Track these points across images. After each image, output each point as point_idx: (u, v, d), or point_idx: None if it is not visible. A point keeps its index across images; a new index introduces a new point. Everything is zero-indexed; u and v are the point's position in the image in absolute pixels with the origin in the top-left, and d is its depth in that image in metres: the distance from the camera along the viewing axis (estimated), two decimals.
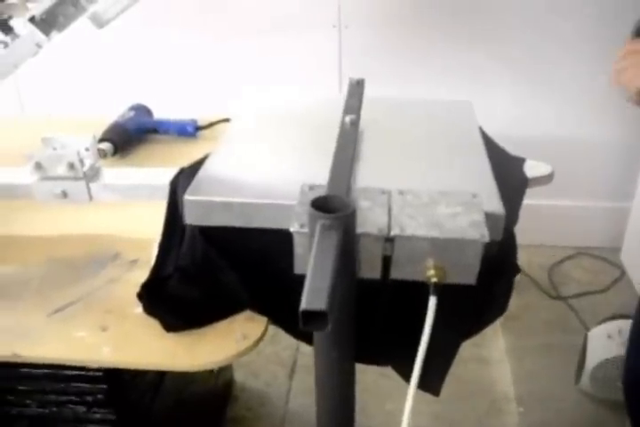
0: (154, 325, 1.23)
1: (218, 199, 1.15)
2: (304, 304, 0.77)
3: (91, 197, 1.39)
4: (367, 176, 1.21)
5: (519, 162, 1.49)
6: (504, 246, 1.17)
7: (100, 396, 1.33)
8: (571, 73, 2.83)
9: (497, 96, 2.90)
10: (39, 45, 1.51)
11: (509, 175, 1.37)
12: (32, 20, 1.48)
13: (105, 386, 1.32)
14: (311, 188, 1.10)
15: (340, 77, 2.93)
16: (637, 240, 3.03)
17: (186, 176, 1.29)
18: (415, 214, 1.05)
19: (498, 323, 2.66)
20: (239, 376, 2.52)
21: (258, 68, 2.93)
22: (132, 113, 1.96)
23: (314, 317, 0.77)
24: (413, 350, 1.02)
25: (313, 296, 0.78)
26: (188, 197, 1.16)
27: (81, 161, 1.36)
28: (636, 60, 1.40)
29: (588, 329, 2.40)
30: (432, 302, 0.99)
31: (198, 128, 1.94)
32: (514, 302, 1.26)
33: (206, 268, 1.22)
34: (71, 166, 1.36)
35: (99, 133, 1.80)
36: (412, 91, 2.85)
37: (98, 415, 1.36)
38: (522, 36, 2.79)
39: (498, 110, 2.85)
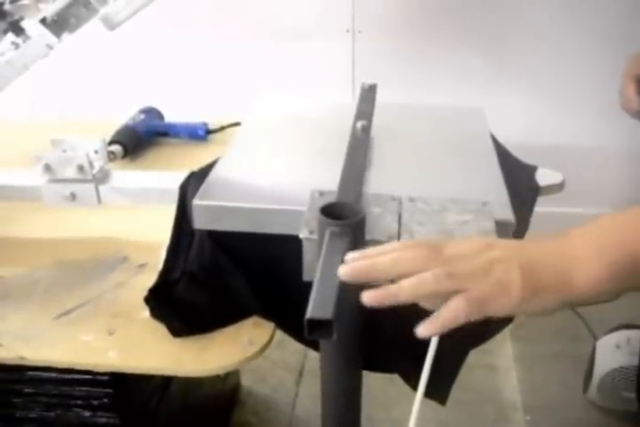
0: (161, 329, 1.23)
1: (227, 204, 1.15)
2: (309, 313, 0.76)
3: (99, 200, 1.39)
4: (378, 182, 1.21)
5: (531, 170, 1.48)
6: None
7: (105, 400, 1.33)
8: (583, 81, 2.82)
9: (509, 103, 2.89)
10: (50, 47, 1.51)
11: (521, 183, 1.37)
12: (43, 21, 1.48)
13: (110, 390, 1.31)
14: (321, 194, 1.10)
15: (353, 82, 2.92)
16: None
17: (195, 180, 1.29)
18: (425, 221, 1.04)
19: (506, 330, 2.64)
20: (246, 381, 2.51)
21: (270, 72, 2.93)
22: (142, 116, 1.95)
23: (319, 325, 0.76)
24: (421, 358, 1.01)
25: (319, 305, 0.77)
26: (196, 201, 1.16)
27: (90, 163, 1.36)
28: (623, 84, 1.46)
29: (596, 338, 2.39)
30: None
31: (209, 131, 1.94)
32: None
33: (214, 273, 1.22)
34: (80, 169, 1.36)
35: (109, 136, 1.80)
36: (424, 96, 2.83)
37: (103, 419, 1.35)
38: (534, 43, 2.78)
39: (510, 117, 2.84)
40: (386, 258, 0.80)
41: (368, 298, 0.79)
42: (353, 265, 0.80)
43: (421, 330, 0.80)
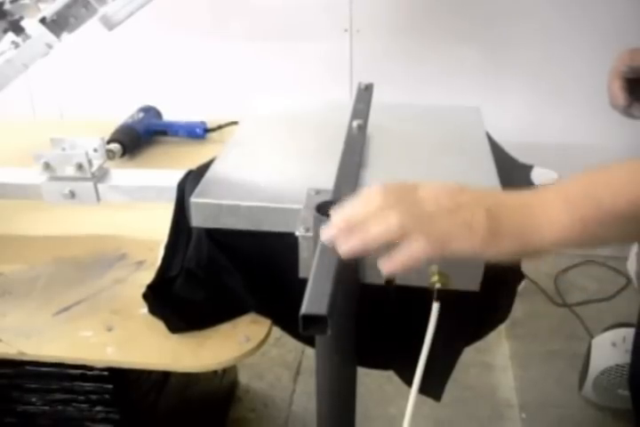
0: (159, 325, 1.24)
1: (224, 202, 1.16)
2: (304, 309, 0.77)
3: (98, 198, 1.40)
4: (373, 181, 1.21)
5: (526, 169, 1.49)
6: None
7: (104, 395, 1.34)
8: (581, 81, 2.82)
9: (507, 102, 2.89)
10: (50, 46, 1.52)
11: (516, 182, 1.38)
12: (43, 20, 1.50)
13: (109, 385, 1.32)
14: (317, 192, 1.11)
15: (350, 81, 2.93)
16: None
17: (193, 178, 1.30)
18: None
19: (502, 329, 2.66)
20: (244, 378, 2.52)
21: (268, 72, 2.94)
22: (141, 114, 1.97)
23: (314, 321, 0.77)
24: (416, 355, 1.03)
25: (314, 301, 0.79)
26: (194, 199, 1.17)
27: (89, 162, 1.38)
28: (609, 80, 1.49)
29: (592, 337, 2.40)
30: (435, 307, 1.00)
31: (207, 130, 1.95)
32: (519, 309, 1.27)
33: (212, 270, 1.22)
34: (79, 167, 1.37)
35: (108, 134, 1.81)
36: (422, 95, 2.85)
37: (102, 414, 1.37)
38: (534, 43, 2.78)
39: (508, 117, 2.85)
40: (373, 230, 0.82)
41: (343, 252, 0.83)
42: (350, 248, 0.82)
43: (382, 267, 0.83)
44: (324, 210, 0.94)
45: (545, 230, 0.81)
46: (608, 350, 2.28)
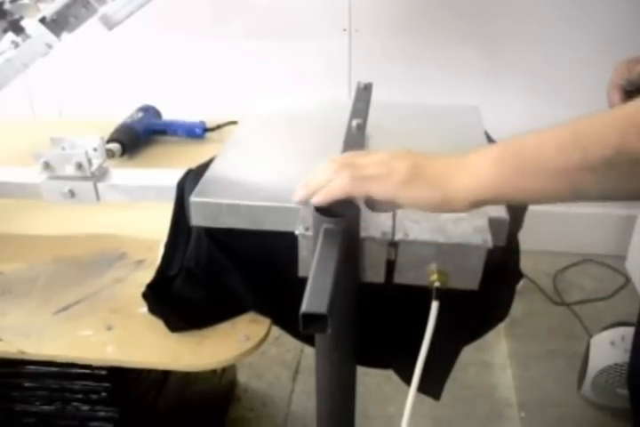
0: (158, 324, 1.24)
1: (224, 201, 1.16)
2: (304, 307, 0.78)
3: (98, 197, 1.41)
4: None
5: None
6: (507, 252, 1.17)
7: (104, 394, 1.34)
8: (581, 81, 2.82)
9: (507, 102, 2.89)
10: (49, 46, 1.52)
11: None
12: (43, 20, 1.50)
13: (109, 384, 1.33)
14: None
15: (349, 80, 2.93)
16: None
17: (193, 177, 1.30)
18: (419, 219, 1.05)
19: (501, 328, 2.66)
20: (242, 377, 2.52)
21: (267, 71, 2.94)
22: (140, 114, 1.97)
23: (314, 320, 0.77)
24: (415, 354, 1.03)
25: (314, 299, 0.79)
26: (194, 198, 1.17)
27: (89, 161, 1.38)
28: (608, 93, 1.51)
29: (591, 336, 2.40)
30: (434, 306, 1.00)
31: (206, 130, 1.95)
32: (518, 308, 1.27)
33: (211, 269, 1.23)
34: (79, 166, 1.37)
35: (107, 134, 1.81)
36: (422, 95, 2.84)
37: (102, 413, 1.37)
38: (534, 43, 2.78)
39: (508, 116, 2.84)
40: (315, 178, 0.95)
41: (294, 201, 0.98)
42: (297, 196, 0.97)
43: (313, 199, 0.94)
44: (323, 209, 0.94)
45: (464, 180, 0.85)
46: (607, 349, 2.28)
